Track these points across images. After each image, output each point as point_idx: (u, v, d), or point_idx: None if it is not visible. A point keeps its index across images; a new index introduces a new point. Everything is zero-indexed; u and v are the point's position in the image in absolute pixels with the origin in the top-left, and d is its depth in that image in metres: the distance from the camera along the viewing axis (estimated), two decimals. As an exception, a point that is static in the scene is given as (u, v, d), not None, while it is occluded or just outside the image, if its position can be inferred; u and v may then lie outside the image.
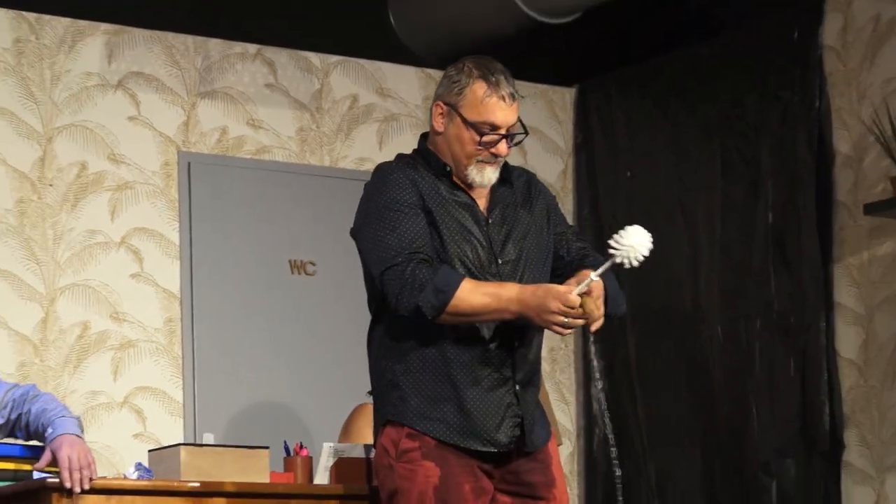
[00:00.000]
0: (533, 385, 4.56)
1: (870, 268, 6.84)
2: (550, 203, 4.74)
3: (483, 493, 4.43)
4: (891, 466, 6.70)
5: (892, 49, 6.81)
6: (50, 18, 6.77)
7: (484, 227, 4.55)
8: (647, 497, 7.33)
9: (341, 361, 6.91)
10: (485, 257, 4.50)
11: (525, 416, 4.46)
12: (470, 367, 4.43)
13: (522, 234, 4.58)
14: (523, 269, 4.53)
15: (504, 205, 4.62)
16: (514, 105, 4.60)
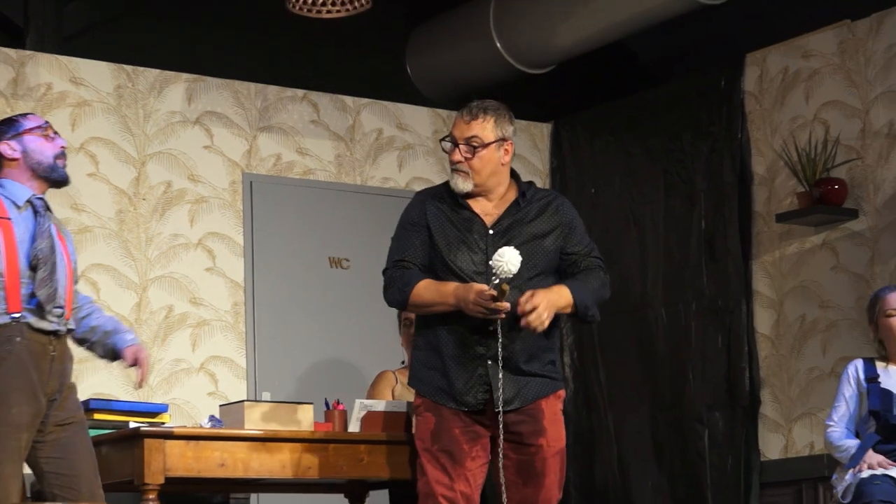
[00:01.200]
0: (515, 362, 4.42)
1: (780, 263, 6.85)
2: (566, 224, 4.56)
3: (477, 437, 4.42)
4: (797, 417, 6.70)
5: (797, 94, 6.82)
6: (143, 69, 6.78)
7: (485, 237, 4.49)
8: (607, 441, 7.33)
9: (368, 337, 6.93)
10: (479, 261, 4.45)
11: (493, 384, 4.37)
12: (454, 347, 4.43)
13: (518, 245, 4.39)
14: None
15: (513, 220, 4.51)
16: (472, 122, 4.51)
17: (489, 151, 4.50)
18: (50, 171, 4.24)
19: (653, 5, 6.71)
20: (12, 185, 4.22)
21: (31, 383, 4.07)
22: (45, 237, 4.15)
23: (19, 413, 4.02)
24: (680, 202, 7.16)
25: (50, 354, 4.14)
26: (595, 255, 4.59)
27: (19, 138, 4.23)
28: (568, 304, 4.44)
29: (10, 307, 4.07)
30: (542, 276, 4.48)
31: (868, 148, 6.53)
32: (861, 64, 6.59)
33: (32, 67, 6.53)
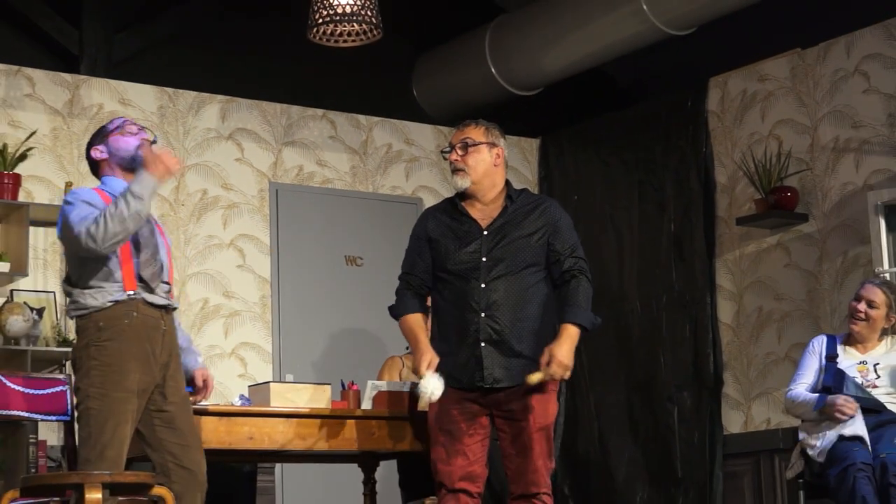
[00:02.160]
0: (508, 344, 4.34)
1: (740, 261, 6.83)
2: (552, 224, 4.46)
3: (474, 415, 4.37)
4: (755, 396, 6.68)
5: (754, 113, 6.80)
6: (183, 92, 6.77)
7: (479, 235, 4.44)
8: (588, 418, 7.31)
9: (379, 326, 6.89)
10: (473, 259, 4.40)
11: (485, 366, 4.32)
12: (455, 334, 4.40)
13: (508, 243, 4.40)
14: (501, 265, 4.38)
15: (505, 221, 4.45)
16: (465, 128, 4.52)
17: (481, 150, 4.45)
18: (132, 162, 4.20)
19: (627, 35, 6.71)
20: (110, 181, 4.22)
21: (146, 354, 4.04)
22: (146, 224, 4.15)
23: (135, 381, 3.99)
24: (652, 207, 7.14)
25: (162, 329, 4.11)
26: (577, 255, 4.48)
27: (105, 141, 4.25)
28: (577, 335, 4.39)
29: (126, 285, 4.05)
30: (530, 269, 4.41)
31: (816, 160, 6.51)
32: (810, 87, 6.57)
33: (86, 90, 6.50)
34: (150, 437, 4.10)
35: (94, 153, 4.27)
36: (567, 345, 4.32)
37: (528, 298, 4.37)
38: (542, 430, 4.34)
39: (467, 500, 4.34)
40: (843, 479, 4.86)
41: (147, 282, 4.10)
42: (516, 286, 4.36)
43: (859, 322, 5.24)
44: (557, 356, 4.27)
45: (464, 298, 4.38)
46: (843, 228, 6.38)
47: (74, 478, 3.76)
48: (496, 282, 4.35)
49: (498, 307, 4.34)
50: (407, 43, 7.49)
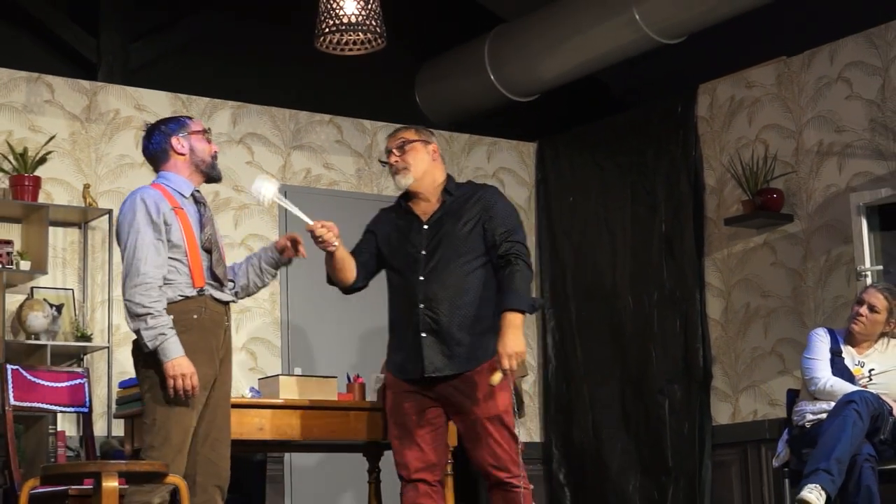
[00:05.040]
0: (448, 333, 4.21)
1: (728, 260, 6.82)
2: (487, 210, 4.32)
3: (424, 408, 4.26)
4: (742, 389, 6.67)
5: (741, 118, 6.80)
6: (196, 98, 6.76)
7: (419, 229, 4.34)
8: (583, 410, 7.29)
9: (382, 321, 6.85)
10: (413, 253, 4.32)
11: (425, 356, 4.21)
12: (401, 327, 4.33)
13: (446, 233, 4.30)
14: (438, 257, 4.28)
15: (444, 213, 4.35)
16: (397, 133, 4.42)
17: (417, 148, 4.35)
18: (210, 169, 4.18)
19: (620, 44, 6.71)
20: (177, 178, 4.14)
21: (211, 348, 4.04)
22: (210, 223, 4.13)
23: (202, 374, 3.97)
24: (644, 209, 7.13)
25: (224, 324, 4.11)
26: (513, 239, 4.28)
27: (187, 137, 4.15)
28: (520, 321, 4.18)
29: (196, 282, 4.03)
30: (467, 258, 4.27)
31: (801, 163, 6.51)
32: (795, 93, 6.57)
33: (103, 96, 6.50)
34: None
35: (175, 144, 4.14)
36: (509, 334, 4.13)
37: (467, 287, 4.24)
38: (492, 419, 4.19)
39: (426, 488, 4.24)
40: (836, 411, 4.87)
41: (220, 279, 4.09)
42: (454, 276, 4.24)
43: (860, 324, 5.21)
44: (501, 350, 4.11)
45: (406, 292, 4.30)
46: (826, 228, 6.37)
47: (92, 467, 3.76)
48: (434, 273, 4.25)
49: (436, 298, 4.23)
50: (410, 51, 7.49)
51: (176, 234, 4.03)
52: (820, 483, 4.70)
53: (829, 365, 5.16)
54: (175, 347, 3.91)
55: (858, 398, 4.89)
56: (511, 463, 4.19)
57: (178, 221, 4.05)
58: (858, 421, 4.81)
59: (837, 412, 4.88)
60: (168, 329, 3.92)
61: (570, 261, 7.47)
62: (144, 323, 3.90)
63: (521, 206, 7.63)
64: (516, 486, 4.19)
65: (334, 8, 5.33)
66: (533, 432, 7.45)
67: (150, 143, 4.19)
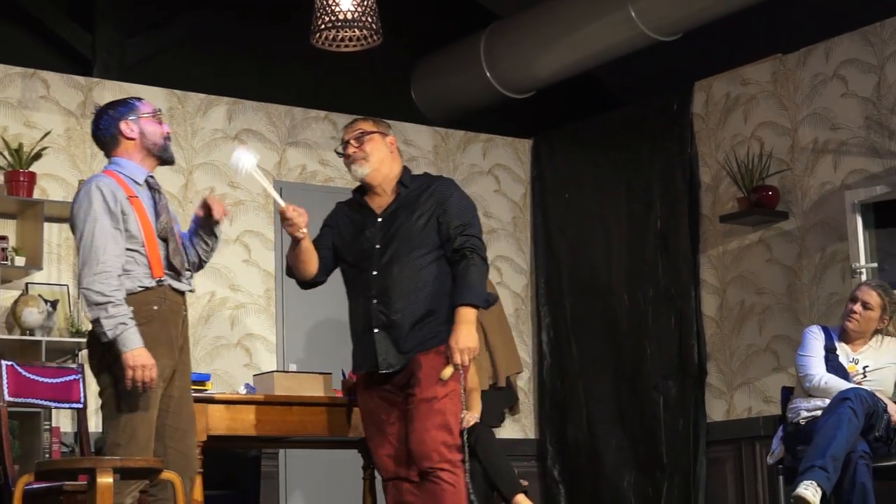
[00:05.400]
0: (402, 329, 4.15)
1: (723, 257, 6.82)
2: (441, 203, 4.23)
3: (390, 402, 4.21)
4: (737, 386, 6.67)
5: (737, 115, 6.80)
6: (191, 94, 6.75)
7: (374, 223, 4.27)
8: (578, 406, 7.29)
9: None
10: (367, 247, 4.26)
11: (378, 352, 4.16)
12: (357, 322, 4.27)
13: (400, 226, 4.22)
14: (392, 251, 4.22)
15: (399, 205, 4.27)
16: (354, 124, 4.36)
17: (374, 139, 4.29)
18: (163, 152, 4.08)
19: (616, 41, 6.71)
20: (129, 164, 4.03)
21: (171, 339, 3.97)
22: (165, 212, 4.04)
23: (163, 366, 3.90)
24: (639, 206, 7.13)
25: (182, 314, 4.05)
26: (468, 233, 4.19)
27: (137, 121, 4.05)
28: (472, 316, 4.12)
29: (154, 272, 3.95)
30: (421, 252, 4.20)
31: (796, 161, 6.51)
32: (791, 91, 6.57)
33: (98, 92, 6.49)
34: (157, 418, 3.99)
35: (124, 129, 4.03)
36: (461, 330, 4.07)
37: (420, 282, 4.16)
38: (426, 401, 4.08)
39: (406, 485, 4.18)
40: (830, 409, 4.87)
41: (177, 269, 4.01)
42: (407, 270, 4.17)
43: (854, 321, 5.21)
44: (453, 345, 4.06)
45: (360, 287, 4.24)
46: (821, 226, 6.37)
47: (86, 463, 3.75)
48: (387, 268, 4.18)
49: (389, 293, 4.16)
50: (405, 48, 7.48)
51: (132, 224, 3.94)
52: (815, 480, 4.70)
53: (823, 362, 5.16)
54: (135, 338, 3.82)
55: (853, 395, 4.88)
56: (435, 452, 4.04)
57: (133, 211, 3.96)
58: (853, 418, 4.81)
59: (832, 409, 4.88)
60: (128, 319, 3.83)
61: (565, 257, 7.47)
62: (104, 312, 3.81)
63: (516, 202, 7.63)
64: (440, 479, 4.04)
65: (330, 4, 5.32)
66: (528, 429, 7.45)
67: (98, 129, 4.06)
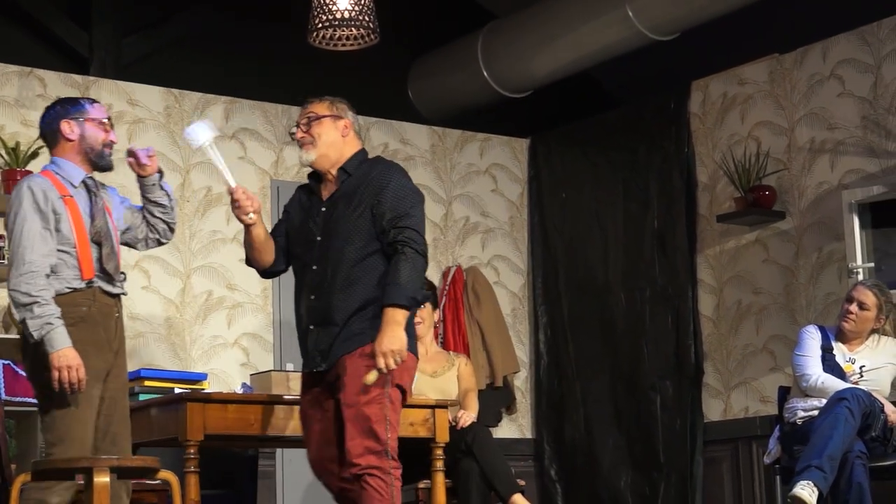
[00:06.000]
0: (331, 326, 3.93)
1: (720, 256, 6.82)
2: (379, 190, 3.96)
3: (320, 401, 4.03)
4: (734, 386, 6.67)
5: (734, 115, 6.80)
6: (188, 93, 6.74)
7: (319, 212, 4.05)
8: (575, 405, 7.29)
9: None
10: (309, 239, 4.05)
11: (310, 349, 3.99)
12: (298, 318, 4.08)
13: (338, 217, 3.98)
14: (329, 244, 3.98)
15: (341, 193, 4.02)
16: (308, 105, 4.15)
17: (324, 123, 4.06)
18: (99, 158, 4.01)
19: (613, 41, 6.71)
20: (67, 165, 3.98)
21: (102, 340, 3.93)
22: (101, 214, 3.98)
23: (95, 366, 3.87)
24: (636, 205, 7.13)
25: (115, 315, 4.00)
26: (402, 225, 3.90)
27: (80, 122, 3.99)
28: (400, 316, 3.85)
29: (84, 274, 3.90)
30: (356, 245, 3.95)
31: (793, 160, 6.51)
32: (788, 90, 6.57)
33: (95, 91, 6.48)
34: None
35: (64, 128, 3.96)
36: (386, 331, 3.81)
37: (356, 276, 3.92)
38: (350, 407, 3.86)
39: (337, 482, 4.04)
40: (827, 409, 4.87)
41: (110, 273, 3.96)
42: (343, 265, 3.93)
43: (850, 321, 5.20)
44: (377, 348, 3.81)
45: (302, 281, 4.05)
46: (818, 226, 6.37)
47: (83, 462, 3.74)
48: (324, 261, 3.96)
49: (325, 289, 3.95)
50: (403, 47, 7.48)
51: (65, 224, 3.89)
52: (812, 480, 4.70)
53: (820, 362, 5.16)
54: (62, 338, 3.78)
55: (850, 395, 4.89)
56: (361, 458, 3.85)
57: (66, 211, 3.90)
58: (850, 418, 4.81)
59: (829, 409, 4.88)
60: (55, 318, 3.78)
61: (562, 257, 7.46)
62: (30, 312, 3.77)
63: (513, 202, 7.63)
64: (364, 486, 3.84)
65: (327, 3, 5.32)
66: (525, 428, 7.44)
67: (42, 121, 4.02)
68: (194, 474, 4.39)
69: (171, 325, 6.44)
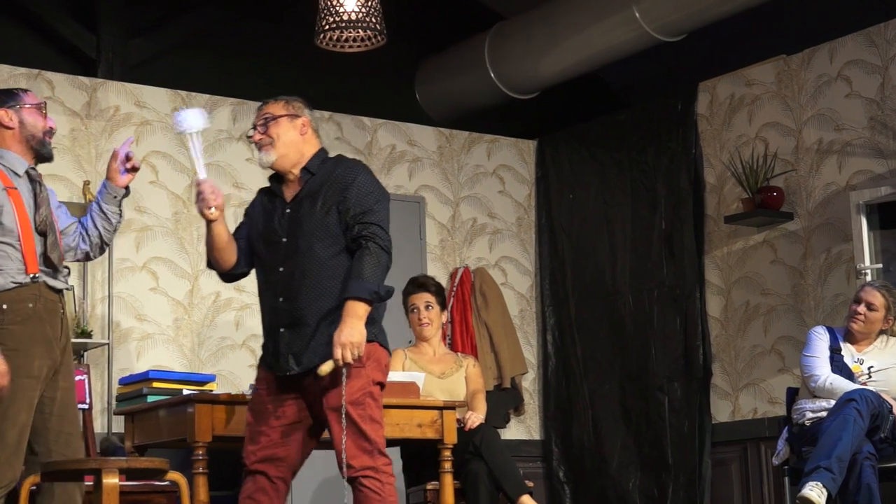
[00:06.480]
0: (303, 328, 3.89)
1: (728, 258, 6.81)
2: (344, 187, 3.91)
3: (283, 401, 3.95)
4: (742, 387, 6.67)
5: (741, 116, 6.79)
6: (196, 94, 6.74)
7: (283, 212, 3.98)
8: (583, 407, 7.29)
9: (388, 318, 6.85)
10: (274, 240, 3.99)
11: (281, 352, 3.91)
12: (265, 320, 4.02)
13: (303, 216, 3.92)
14: (296, 244, 3.92)
15: (305, 192, 3.96)
16: (264, 107, 4.05)
17: (281, 123, 3.98)
18: (40, 146, 3.95)
19: (620, 42, 6.71)
20: (9, 155, 3.89)
21: (49, 339, 3.82)
22: (45, 204, 3.89)
23: (40, 367, 3.77)
24: (644, 206, 7.12)
25: (60, 312, 3.88)
26: (366, 220, 3.86)
27: (17, 110, 3.90)
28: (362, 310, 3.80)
29: (29, 268, 3.79)
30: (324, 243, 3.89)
31: (801, 161, 6.50)
32: (795, 91, 6.56)
33: (103, 93, 6.49)
34: (36, 421, 3.82)
35: (3, 117, 3.88)
36: (345, 323, 3.76)
37: (325, 275, 3.87)
38: (335, 410, 3.82)
39: (265, 482, 3.92)
40: (836, 410, 4.86)
41: (55, 265, 3.87)
42: (312, 264, 3.87)
43: (858, 322, 5.20)
44: (335, 339, 3.75)
45: (267, 282, 3.98)
46: (826, 227, 6.37)
47: (92, 464, 3.75)
48: (292, 262, 3.90)
49: (294, 289, 3.89)
50: (410, 48, 7.49)
51: (8, 216, 3.80)
52: (821, 481, 4.70)
53: (828, 362, 5.16)
54: None
55: (859, 396, 4.88)
56: (355, 459, 3.81)
57: (10, 202, 3.81)
58: (859, 419, 4.81)
59: (837, 410, 4.87)
60: None
61: (569, 258, 7.46)
62: None
63: (520, 203, 7.63)
64: (364, 486, 3.81)
65: (334, 5, 5.33)
66: (532, 430, 7.44)
67: None
68: (203, 475, 4.40)
69: (179, 327, 6.44)
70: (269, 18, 7.04)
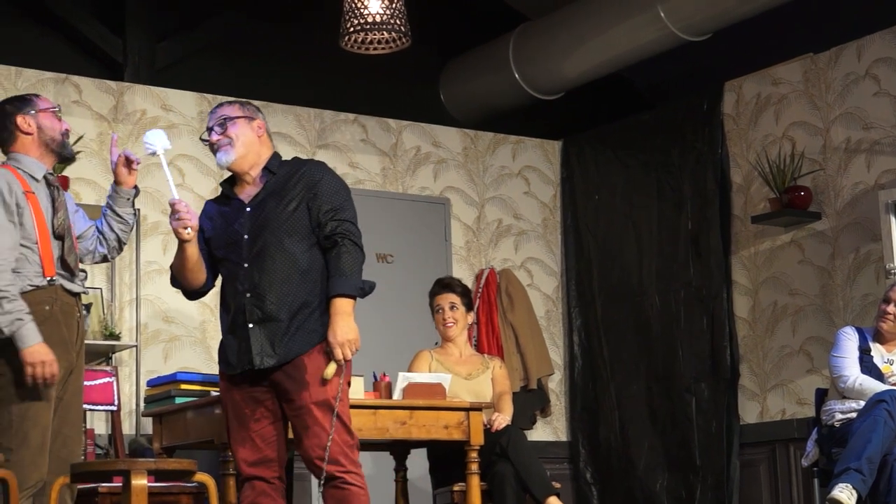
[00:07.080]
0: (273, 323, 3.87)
1: (755, 258, 6.79)
2: (311, 186, 3.94)
3: (257, 401, 3.92)
4: (770, 388, 6.64)
5: (768, 116, 6.77)
6: (222, 97, 6.74)
7: (243, 213, 3.97)
8: (610, 408, 7.27)
9: (408, 320, 6.88)
10: (235, 238, 3.95)
11: (253, 347, 3.87)
12: (229, 319, 4.00)
13: (269, 214, 3.92)
14: (262, 242, 3.91)
15: (267, 193, 3.96)
16: (217, 110, 4.08)
17: (239, 124, 3.99)
18: (61, 148, 4.00)
19: (645, 42, 6.69)
20: (27, 160, 3.94)
21: (65, 341, 3.86)
22: (63, 208, 3.94)
23: (59, 368, 3.80)
24: (670, 206, 7.11)
25: (76, 315, 3.93)
26: (340, 218, 3.92)
27: (34, 115, 3.96)
28: (349, 307, 3.87)
29: (47, 271, 3.84)
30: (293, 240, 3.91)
31: (828, 161, 6.47)
32: (822, 90, 6.53)
33: (130, 96, 6.52)
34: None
35: (21, 123, 3.93)
36: (339, 322, 3.81)
37: (294, 272, 3.87)
38: (320, 404, 3.82)
39: (263, 486, 3.90)
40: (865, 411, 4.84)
41: (71, 269, 3.91)
42: (279, 260, 3.88)
43: (887, 322, 5.17)
44: (332, 340, 3.80)
45: (232, 281, 3.96)
46: (854, 226, 6.33)
47: (121, 465, 3.77)
48: (258, 259, 3.89)
49: (262, 285, 3.88)
50: (434, 50, 7.49)
51: (27, 219, 3.84)
52: (851, 482, 4.67)
53: (857, 363, 5.13)
54: (33, 334, 3.71)
55: (889, 397, 4.86)
56: (342, 455, 3.82)
57: (29, 206, 3.86)
58: (889, 420, 4.78)
59: (867, 411, 4.85)
60: (25, 314, 3.72)
61: (595, 259, 7.45)
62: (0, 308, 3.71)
63: (546, 204, 7.62)
64: (348, 483, 3.81)
65: (359, 7, 5.34)
66: (559, 431, 7.43)
67: None
68: (231, 477, 4.41)
69: (205, 329, 6.47)
70: (294, 22, 7.07)
